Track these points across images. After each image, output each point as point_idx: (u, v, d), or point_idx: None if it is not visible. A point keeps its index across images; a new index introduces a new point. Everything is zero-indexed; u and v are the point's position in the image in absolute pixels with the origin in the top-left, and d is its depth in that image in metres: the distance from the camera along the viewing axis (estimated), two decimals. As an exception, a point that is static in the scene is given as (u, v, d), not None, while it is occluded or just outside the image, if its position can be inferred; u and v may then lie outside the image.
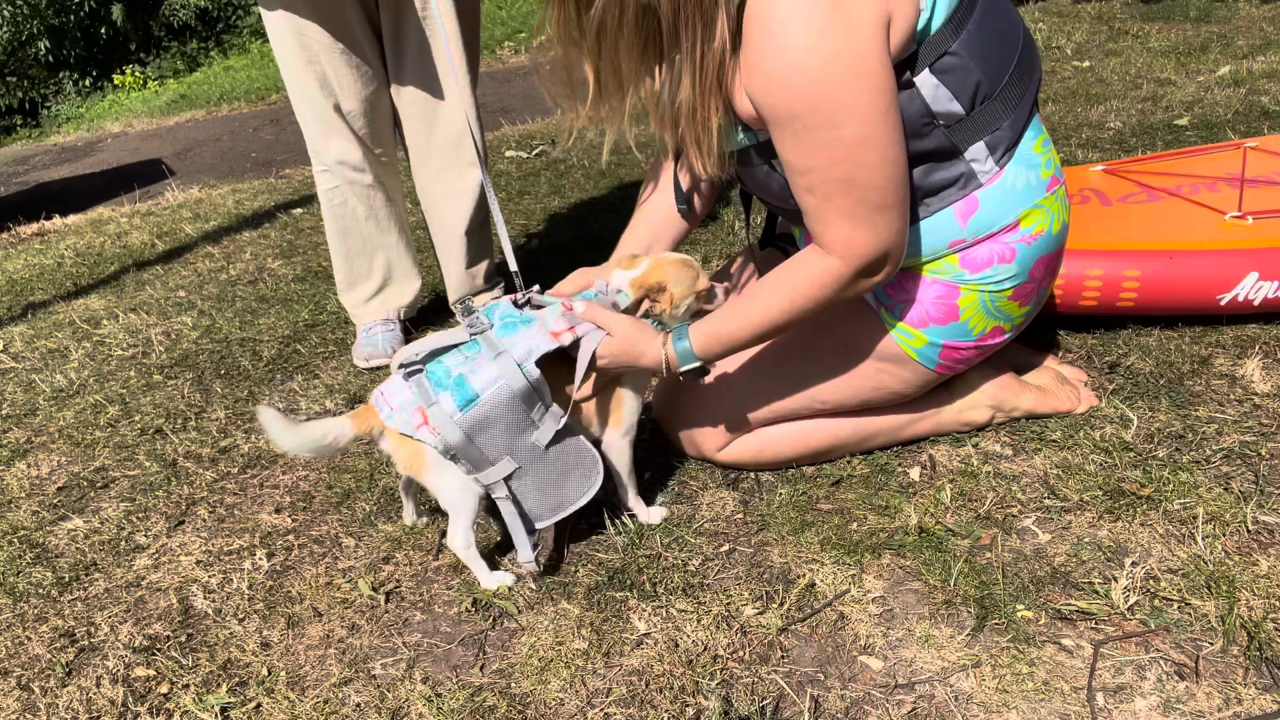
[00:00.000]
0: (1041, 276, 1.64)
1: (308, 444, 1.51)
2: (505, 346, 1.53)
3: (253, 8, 13.13)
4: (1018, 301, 1.64)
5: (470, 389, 1.51)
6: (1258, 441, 1.72)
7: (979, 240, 1.57)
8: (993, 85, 1.48)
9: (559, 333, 1.55)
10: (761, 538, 1.66)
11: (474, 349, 1.55)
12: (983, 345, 1.68)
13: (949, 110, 1.46)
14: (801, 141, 1.37)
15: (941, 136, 1.48)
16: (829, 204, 1.40)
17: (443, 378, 1.53)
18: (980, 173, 1.52)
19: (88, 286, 3.65)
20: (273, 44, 2.36)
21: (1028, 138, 1.56)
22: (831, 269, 1.45)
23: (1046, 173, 1.59)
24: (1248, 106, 3.69)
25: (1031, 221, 1.57)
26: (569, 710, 1.35)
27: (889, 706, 1.29)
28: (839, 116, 1.33)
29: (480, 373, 1.51)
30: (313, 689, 1.45)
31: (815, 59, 1.30)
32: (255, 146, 6.76)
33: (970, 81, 1.45)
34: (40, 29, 12.89)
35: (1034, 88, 1.56)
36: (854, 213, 1.40)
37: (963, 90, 1.45)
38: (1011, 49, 1.52)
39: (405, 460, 1.55)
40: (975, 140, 1.50)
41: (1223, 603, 1.37)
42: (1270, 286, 1.98)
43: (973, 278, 1.59)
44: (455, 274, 2.63)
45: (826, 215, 1.42)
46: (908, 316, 1.64)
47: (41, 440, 2.37)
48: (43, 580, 1.79)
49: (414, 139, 2.47)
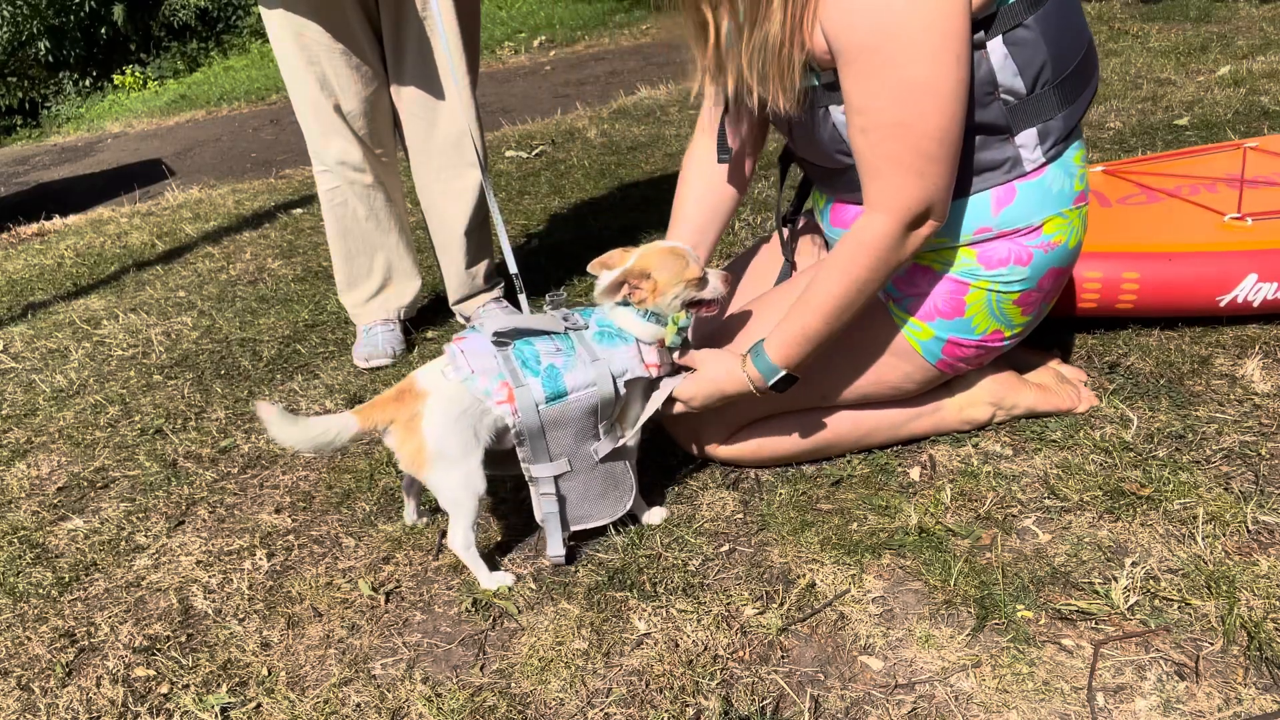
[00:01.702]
0: (1048, 289, 1.66)
1: (309, 440, 1.51)
2: (602, 355, 1.57)
3: (253, 8, 13.13)
4: (1021, 308, 1.65)
5: (562, 384, 1.53)
6: (1258, 441, 1.72)
7: (1002, 234, 1.58)
8: (1057, 71, 1.50)
9: (651, 365, 1.60)
10: (761, 538, 1.66)
11: (567, 344, 1.58)
12: (983, 345, 1.68)
13: (1012, 85, 1.48)
14: (869, 77, 1.38)
15: (1000, 110, 1.50)
16: (881, 147, 1.42)
17: (531, 361, 1.54)
18: (1026, 160, 1.54)
19: (88, 286, 3.65)
20: (273, 44, 2.37)
21: (1073, 145, 1.58)
22: (880, 227, 1.46)
23: (1079, 185, 1.61)
24: (1248, 106, 3.69)
25: (1053, 229, 1.59)
26: (569, 710, 1.35)
27: (889, 706, 1.29)
28: (908, 54, 1.35)
29: (576, 373, 1.54)
30: (313, 689, 1.45)
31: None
32: (255, 146, 6.76)
33: (1037, 60, 1.47)
34: (40, 29, 12.89)
35: (1090, 92, 1.58)
36: (904, 159, 1.41)
37: (1028, 66, 1.47)
38: (1081, 40, 1.54)
39: (409, 457, 1.54)
40: (1030, 125, 1.51)
41: (1223, 603, 1.37)
42: (1270, 288, 1.98)
43: (986, 274, 1.61)
44: (455, 274, 2.62)
45: (877, 162, 1.44)
46: (916, 310, 1.65)
47: (41, 440, 2.37)
48: (43, 580, 1.79)
49: (414, 139, 2.47)
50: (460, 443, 1.53)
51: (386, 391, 1.59)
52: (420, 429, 1.52)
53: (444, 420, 1.52)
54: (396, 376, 1.60)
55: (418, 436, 1.52)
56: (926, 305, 1.64)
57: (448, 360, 1.57)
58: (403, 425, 1.53)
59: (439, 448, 1.52)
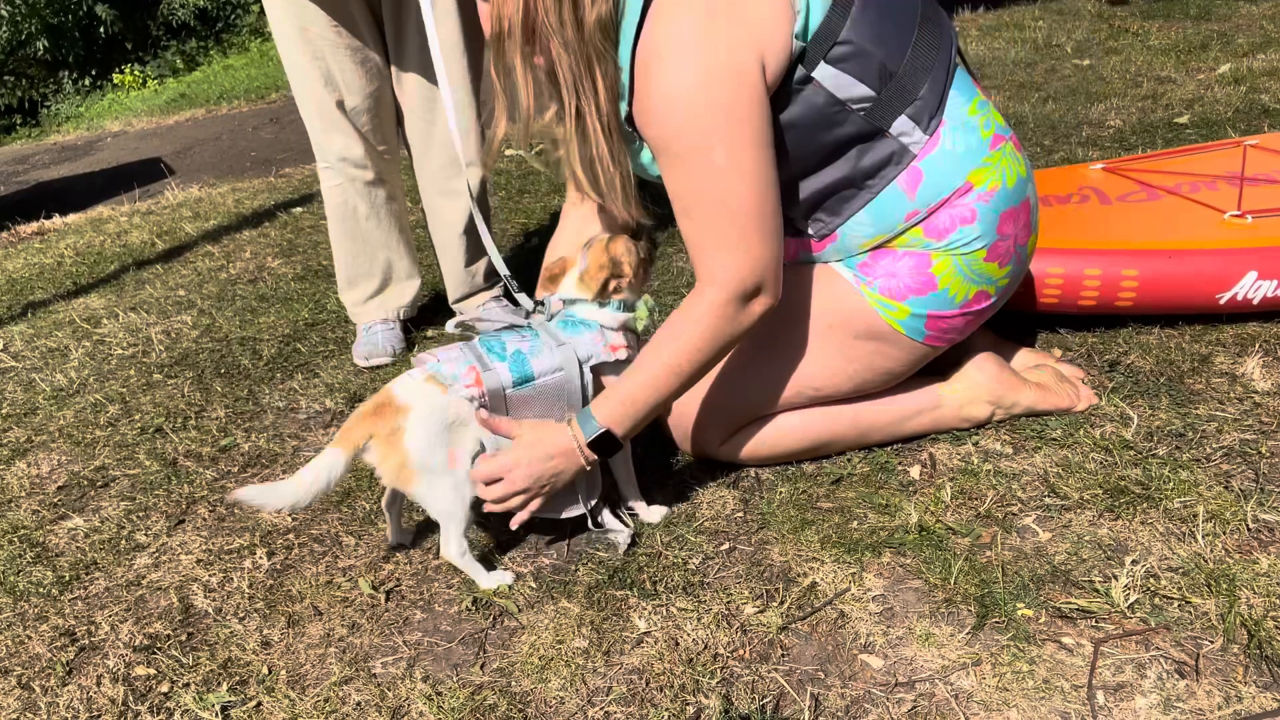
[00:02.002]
0: (1014, 232, 1.65)
1: (306, 494, 1.45)
2: (567, 341, 1.58)
3: (252, 6, 13.12)
4: (995, 262, 1.65)
5: (529, 369, 1.54)
6: (1258, 439, 1.72)
7: (933, 209, 1.60)
8: (897, 60, 1.52)
9: (617, 347, 1.62)
10: (762, 536, 1.66)
11: (531, 332, 1.60)
12: (969, 311, 1.68)
13: (857, 94, 1.51)
14: (677, 167, 1.47)
15: (859, 120, 1.53)
16: (704, 229, 1.49)
17: (497, 348, 1.55)
18: (911, 144, 1.56)
19: (88, 285, 3.65)
20: (276, 40, 2.36)
21: (957, 102, 1.59)
22: (712, 301, 1.50)
23: (987, 132, 1.61)
24: (1248, 104, 3.69)
25: (983, 180, 1.60)
26: (569, 709, 1.36)
27: (889, 705, 1.29)
28: (708, 144, 1.43)
29: (543, 358, 1.56)
30: (313, 688, 1.45)
31: (684, 91, 1.41)
32: (255, 145, 6.76)
33: (872, 64, 1.50)
34: (39, 28, 12.88)
35: (947, 49, 1.59)
36: (726, 236, 1.47)
37: (866, 73, 1.50)
38: (909, 20, 1.56)
39: (392, 471, 1.50)
40: (896, 115, 1.54)
41: (1223, 601, 1.37)
42: (1270, 285, 1.98)
43: (939, 245, 1.62)
44: (454, 272, 2.62)
45: (702, 241, 1.50)
46: (887, 290, 1.66)
47: (42, 439, 2.37)
48: (43, 579, 1.80)
49: (415, 135, 2.47)
50: (446, 454, 1.51)
51: (361, 407, 1.54)
52: (402, 443, 1.48)
53: (427, 433, 1.48)
54: (397, 375, 1.59)
55: (400, 451, 1.48)
56: (896, 284, 1.65)
57: (416, 364, 1.55)
58: (383, 440, 1.48)
59: (423, 460, 1.49)
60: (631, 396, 1.53)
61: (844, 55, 1.49)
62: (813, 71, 1.49)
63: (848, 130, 1.54)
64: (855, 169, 1.57)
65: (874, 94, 1.52)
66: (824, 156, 1.57)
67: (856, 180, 1.59)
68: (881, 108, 1.53)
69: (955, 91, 1.59)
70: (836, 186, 1.60)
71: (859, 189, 1.59)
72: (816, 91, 1.50)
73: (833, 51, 1.48)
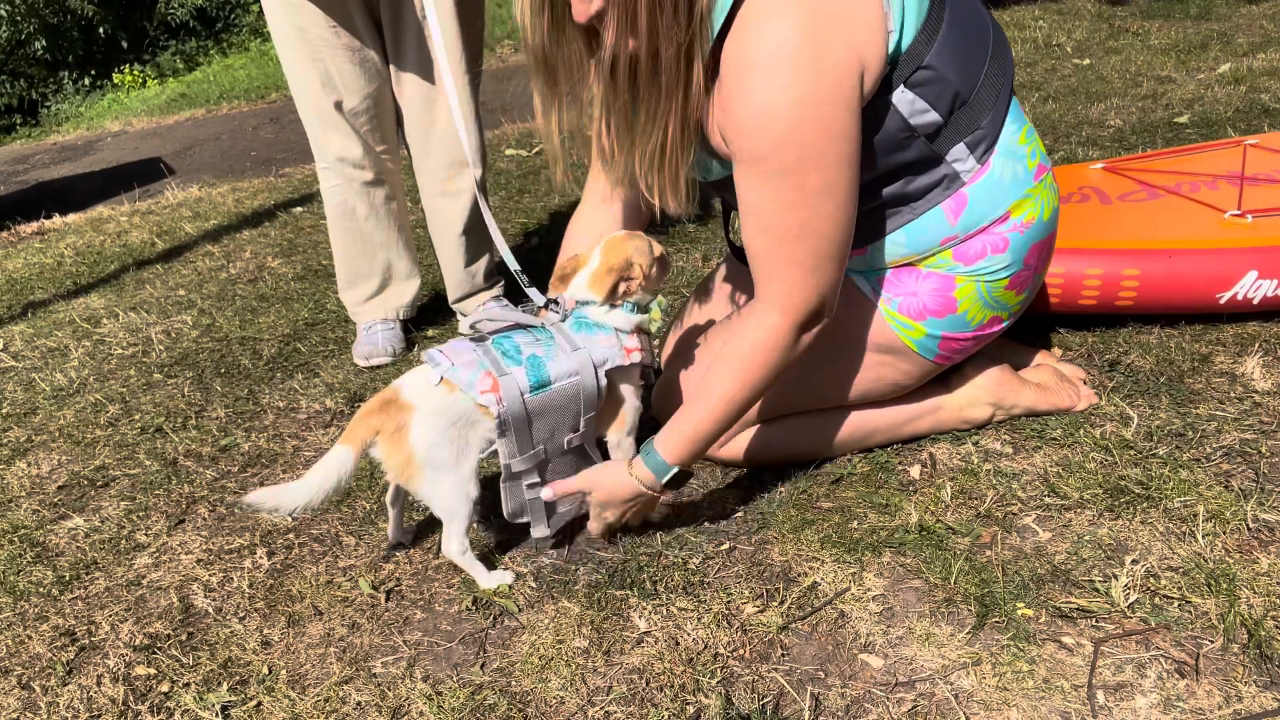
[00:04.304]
0: (1036, 263, 1.65)
1: (316, 490, 1.46)
2: (581, 344, 1.56)
3: (252, 6, 13.11)
4: (1014, 290, 1.65)
5: (546, 373, 1.52)
6: (1258, 439, 1.72)
7: (971, 235, 1.58)
8: (970, 89, 1.49)
9: (632, 349, 1.60)
10: (762, 536, 1.66)
11: (545, 335, 1.58)
12: (981, 335, 1.69)
13: (926, 121, 1.47)
14: (764, 184, 1.40)
15: (923, 146, 1.49)
16: (781, 249, 1.42)
17: (512, 352, 1.53)
18: (963, 171, 1.53)
19: (88, 285, 3.65)
20: (275, 40, 2.36)
21: (1010, 130, 1.57)
22: (775, 325, 1.46)
23: (1033, 163, 1.60)
24: (1248, 104, 3.69)
25: (1022, 211, 1.58)
26: (569, 708, 1.36)
27: (889, 704, 1.29)
28: (805, 164, 1.35)
29: (558, 362, 1.53)
30: (313, 687, 1.45)
31: (786, 106, 1.33)
32: (255, 145, 6.76)
33: (948, 92, 1.46)
34: (38, 28, 12.88)
35: (1010, 77, 1.57)
36: (803, 260, 1.42)
37: (940, 100, 1.46)
38: (983, 47, 1.52)
39: (398, 468, 1.50)
40: (956, 143, 1.51)
41: (1223, 600, 1.37)
42: (1270, 285, 1.98)
43: (967, 270, 1.61)
44: (454, 272, 2.62)
45: (773, 260, 1.44)
46: (905, 309, 1.65)
47: (42, 439, 2.37)
48: (43, 579, 1.80)
49: (414, 135, 2.47)
50: (452, 451, 1.51)
51: (368, 403, 1.54)
52: (408, 440, 1.48)
53: (433, 430, 1.49)
54: (397, 375, 1.59)
55: (405, 447, 1.49)
56: (916, 304, 1.64)
57: (428, 362, 1.54)
58: (389, 436, 1.49)
59: (429, 457, 1.49)
60: (696, 432, 1.52)
61: (924, 80, 1.44)
62: (890, 94, 1.43)
63: (909, 155, 1.49)
64: (903, 191, 1.54)
65: (942, 122, 1.47)
66: (880, 178, 1.53)
67: (902, 201, 1.55)
68: (945, 135, 1.49)
69: (1009, 120, 1.56)
70: (881, 206, 1.56)
71: (901, 208, 1.56)
72: (890, 114, 1.45)
73: (915, 75, 1.43)
